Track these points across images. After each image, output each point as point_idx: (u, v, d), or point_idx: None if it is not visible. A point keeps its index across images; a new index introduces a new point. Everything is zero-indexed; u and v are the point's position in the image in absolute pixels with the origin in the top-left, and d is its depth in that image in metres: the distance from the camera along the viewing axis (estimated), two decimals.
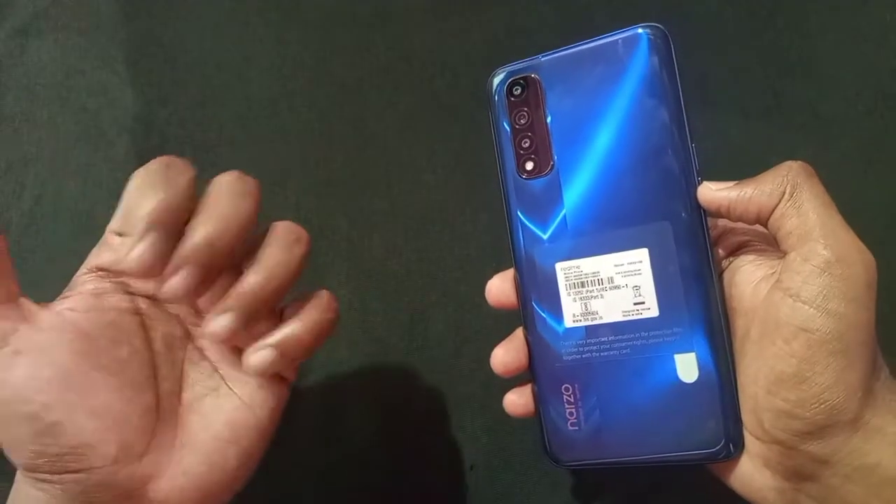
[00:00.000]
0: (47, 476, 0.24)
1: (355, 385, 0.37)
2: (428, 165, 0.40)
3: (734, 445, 0.25)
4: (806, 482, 0.24)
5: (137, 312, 0.27)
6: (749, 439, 0.25)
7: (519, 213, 0.28)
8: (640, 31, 0.26)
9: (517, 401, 0.29)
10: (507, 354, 0.28)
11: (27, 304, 0.25)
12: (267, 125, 0.40)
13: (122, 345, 0.26)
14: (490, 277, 0.38)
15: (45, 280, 0.39)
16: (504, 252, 0.30)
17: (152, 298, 0.27)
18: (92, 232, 0.31)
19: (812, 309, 0.22)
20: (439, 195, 0.39)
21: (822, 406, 0.22)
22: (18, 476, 0.25)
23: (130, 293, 0.27)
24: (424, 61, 0.41)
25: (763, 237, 0.27)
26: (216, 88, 0.41)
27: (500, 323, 0.29)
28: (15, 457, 0.24)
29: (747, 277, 0.25)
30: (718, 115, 0.39)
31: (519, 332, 0.29)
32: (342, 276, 0.38)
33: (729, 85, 0.39)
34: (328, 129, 0.40)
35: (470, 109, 0.40)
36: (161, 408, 0.26)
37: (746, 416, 0.25)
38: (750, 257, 0.26)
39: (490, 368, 0.37)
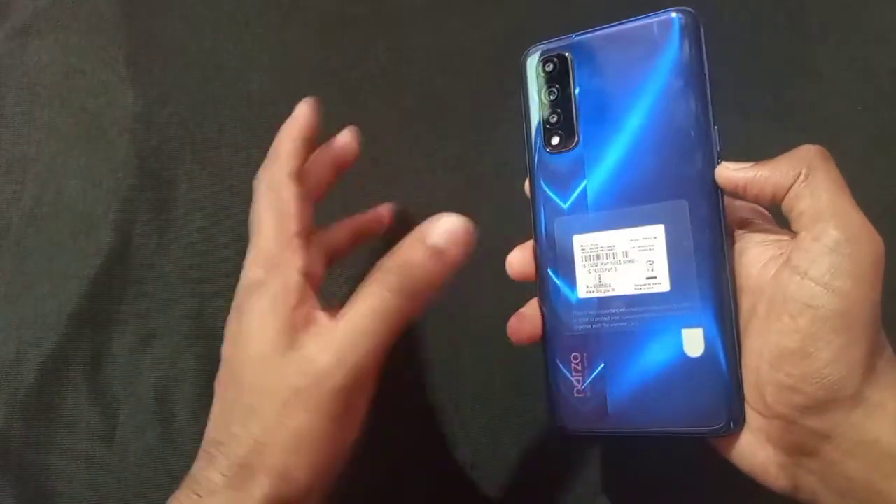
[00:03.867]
0: None
1: None
2: (428, 165, 0.40)
3: (735, 421, 0.25)
4: (807, 457, 0.24)
5: None
6: (751, 414, 0.25)
7: (542, 185, 0.29)
8: (672, 14, 0.27)
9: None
10: (521, 322, 0.29)
11: None
12: (267, 125, 0.40)
13: None
14: (490, 277, 0.38)
15: (45, 280, 0.39)
16: (504, 253, 0.30)
17: None
18: (92, 232, 0.31)
19: (819, 286, 0.23)
20: (439, 195, 0.39)
21: (824, 381, 0.23)
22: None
23: None
24: (424, 61, 0.41)
25: (762, 215, 0.28)
26: (216, 88, 0.41)
27: (501, 322, 0.30)
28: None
29: (756, 258, 0.26)
30: (718, 115, 0.39)
31: (532, 303, 0.30)
32: (342, 276, 0.38)
33: (729, 85, 0.39)
34: (328, 130, 0.40)
35: (470, 109, 0.40)
36: None
37: (749, 391, 0.25)
38: (757, 237, 0.26)
39: (490, 367, 0.37)
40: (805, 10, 0.39)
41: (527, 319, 0.29)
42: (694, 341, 0.26)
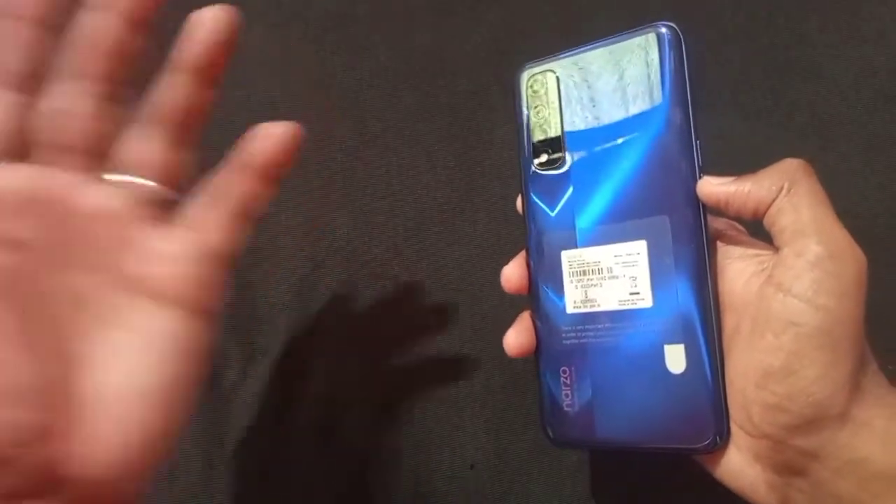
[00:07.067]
0: None
1: (355, 385, 0.38)
2: (428, 165, 0.40)
3: (719, 437, 0.25)
4: (796, 476, 0.24)
5: (11, 271, 0.22)
6: (739, 434, 0.25)
7: (533, 200, 0.29)
8: (653, 30, 0.27)
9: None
10: (519, 336, 0.29)
11: None
12: None
13: (13, 313, 0.21)
14: (490, 277, 0.38)
15: None
16: (503, 253, 0.30)
17: (20, 248, 0.22)
18: None
19: (802, 303, 0.23)
20: (439, 195, 0.39)
21: (810, 399, 0.22)
22: None
23: None
24: (424, 61, 0.41)
25: (735, 227, 0.28)
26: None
27: (500, 322, 0.30)
28: None
29: (737, 274, 0.26)
30: (718, 116, 0.39)
31: (525, 315, 0.30)
32: (342, 275, 0.38)
33: (729, 85, 0.39)
34: (328, 130, 0.40)
35: (470, 109, 0.40)
36: (61, 379, 0.22)
37: (736, 411, 0.25)
38: (736, 251, 0.26)
39: (490, 367, 0.37)
40: (805, 10, 0.39)
41: (522, 332, 0.29)
42: (676, 358, 0.26)
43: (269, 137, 0.25)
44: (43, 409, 0.21)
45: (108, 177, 0.23)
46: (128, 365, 0.22)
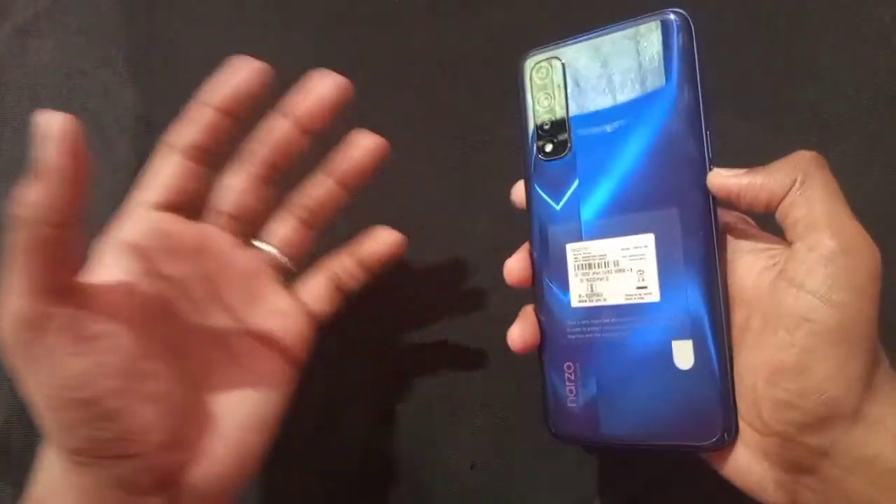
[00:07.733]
0: (93, 460, 0.24)
1: (355, 385, 0.37)
2: (428, 165, 0.40)
3: (727, 434, 0.25)
4: (805, 474, 0.24)
5: (170, 302, 0.27)
6: (748, 431, 0.25)
7: (537, 191, 0.29)
8: (662, 17, 0.26)
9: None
10: (523, 331, 0.28)
11: (88, 287, 0.24)
12: None
13: (166, 334, 0.26)
14: (491, 277, 0.38)
15: None
16: (504, 253, 0.30)
17: (180, 285, 0.27)
18: (92, 231, 0.31)
19: (816, 299, 0.22)
20: (439, 195, 0.39)
21: (823, 397, 0.22)
22: (50, 460, 0.25)
23: (163, 280, 0.27)
24: (424, 61, 0.41)
25: (745, 220, 0.27)
26: None
27: (500, 323, 0.30)
28: (63, 440, 0.24)
29: (748, 268, 0.25)
30: (718, 116, 0.38)
31: (528, 310, 0.29)
32: None
33: (729, 85, 0.39)
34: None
35: (470, 109, 0.40)
36: (194, 398, 0.27)
37: (745, 408, 0.25)
38: (746, 245, 0.26)
39: (490, 367, 0.37)
40: (805, 10, 0.39)
41: (526, 327, 0.29)
42: (684, 353, 0.25)
43: (360, 148, 0.31)
44: (180, 420, 0.26)
45: (255, 242, 0.30)
46: (246, 398, 0.28)
